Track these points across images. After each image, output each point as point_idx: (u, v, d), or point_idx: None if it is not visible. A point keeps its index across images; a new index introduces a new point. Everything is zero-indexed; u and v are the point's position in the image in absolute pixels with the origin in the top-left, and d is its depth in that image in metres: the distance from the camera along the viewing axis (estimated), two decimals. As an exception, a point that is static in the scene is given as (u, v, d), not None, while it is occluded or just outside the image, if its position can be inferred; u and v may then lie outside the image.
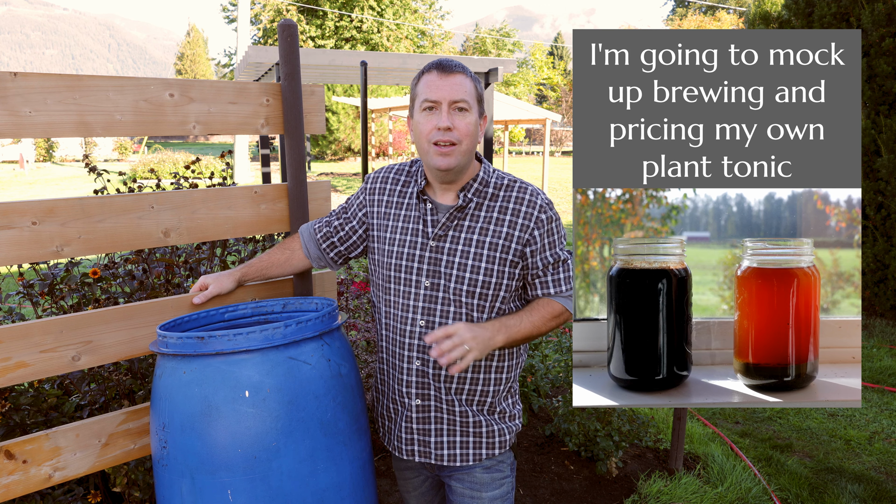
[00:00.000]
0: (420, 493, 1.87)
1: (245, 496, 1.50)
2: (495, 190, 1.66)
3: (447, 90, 1.54)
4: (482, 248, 1.61)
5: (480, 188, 1.65)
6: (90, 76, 1.69)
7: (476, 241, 1.62)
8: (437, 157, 1.56)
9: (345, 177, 22.45)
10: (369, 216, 1.77)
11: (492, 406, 1.70)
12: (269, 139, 10.45)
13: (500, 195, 1.65)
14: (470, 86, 1.58)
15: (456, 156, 1.57)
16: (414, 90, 1.62)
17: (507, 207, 1.64)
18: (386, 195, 1.74)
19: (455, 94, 1.55)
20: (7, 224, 1.62)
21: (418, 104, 1.59)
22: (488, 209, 1.64)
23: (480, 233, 1.62)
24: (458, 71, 1.57)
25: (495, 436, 1.70)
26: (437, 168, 1.58)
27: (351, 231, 1.81)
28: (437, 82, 1.55)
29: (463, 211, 1.64)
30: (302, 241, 1.88)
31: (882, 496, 2.99)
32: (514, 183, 1.67)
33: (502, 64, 8.10)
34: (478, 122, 1.61)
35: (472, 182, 1.65)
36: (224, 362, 1.50)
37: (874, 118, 5.58)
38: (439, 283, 1.63)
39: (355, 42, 32.66)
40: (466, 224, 1.63)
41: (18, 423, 2.00)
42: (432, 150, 1.57)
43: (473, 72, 6.23)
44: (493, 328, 1.56)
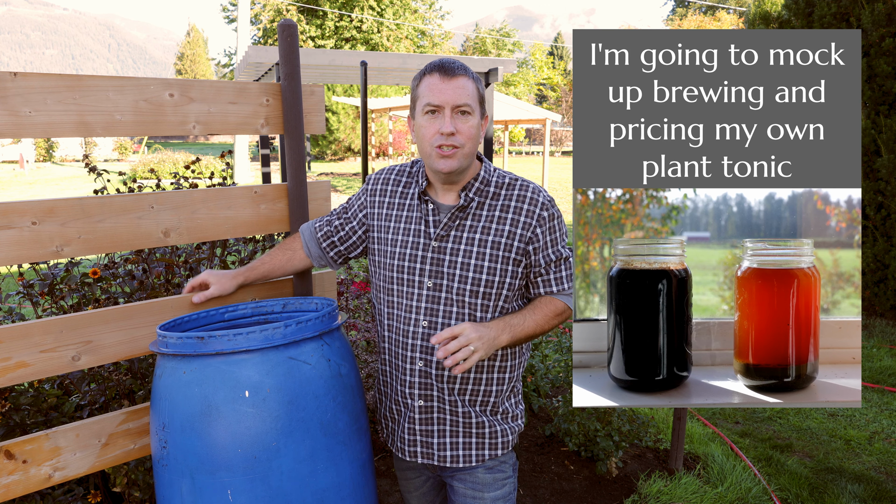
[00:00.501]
0: (421, 494, 1.87)
1: (245, 496, 1.50)
2: (496, 189, 1.66)
3: (450, 94, 1.54)
4: (485, 248, 1.61)
5: (482, 187, 1.65)
6: (90, 76, 1.69)
7: (478, 240, 1.62)
8: (439, 160, 1.57)
9: (345, 177, 22.45)
10: (370, 217, 1.78)
11: (494, 406, 1.70)
12: (269, 139, 10.45)
13: (502, 194, 1.65)
14: (472, 88, 1.58)
15: (459, 158, 1.58)
16: (415, 91, 1.62)
17: (508, 206, 1.64)
18: (387, 196, 1.75)
19: (458, 99, 1.55)
20: (7, 224, 1.62)
21: (420, 107, 1.59)
22: (490, 208, 1.64)
23: (483, 232, 1.62)
24: (460, 73, 1.57)
25: (498, 436, 1.70)
26: (439, 171, 1.59)
27: (351, 231, 1.81)
28: (439, 86, 1.55)
29: (465, 211, 1.64)
30: (303, 240, 1.89)
31: (882, 496, 2.99)
32: (516, 181, 1.67)
33: (502, 64, 8.10)
34: (479, 123, 1.62)
35: (474, 181, 1.65)
36: (224, 362, 1.50)
37: (874, 118, 5.58)
38: (442, 283, 1.63)
39: (355, 42, 32.66)
40: (468, 224, 1.63)
41: (18, 423, 2.00)
42: (435, 153, 1.57)
43: (474, 72, 6.14)
44: (498, 327, 1.56)
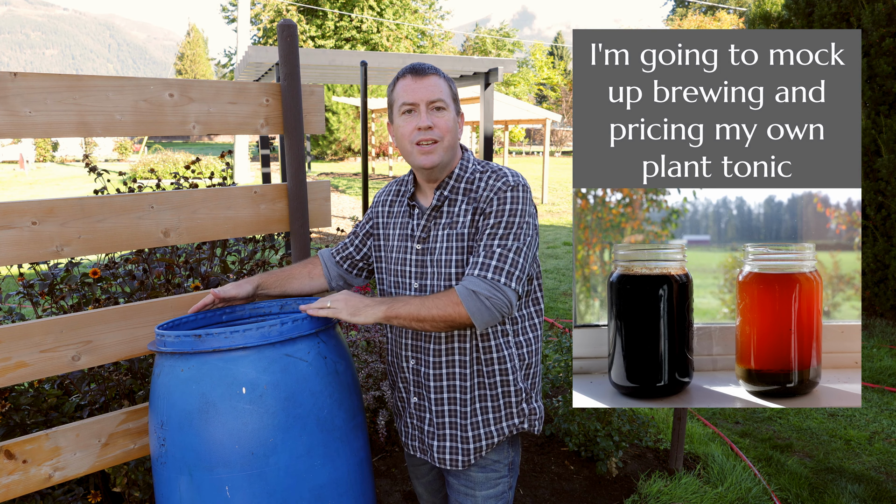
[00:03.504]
0: (428, 482, 1.92)
1: (243, 492, 1.50)
2: (468, 184, 1.66)
3: (423, 92, 1.59)
4: (453, 241, 1.62)
5: (455, 184, 1.67)
6: (90, 76, 1.69)
7: (448, 235, 1.63)
8: (420, 156, 1.60)
9: (345, 177, 22.44)
10: (375, 227, 1.84)
11: (475, 410, 1.69)
12: (269, 139, 10.45)
13: (472, 187, 1.64)
14: (444, 85, 1.62)
15: (439, 152, 1.60)
16: (391, 96, 1.66)
17: (475, 197, 1.62)
18: (388, 206, 1.81)
19: (431, 95, 1.59)
20: (7, 224, 1.62)
21: (397, 109, 1.63)
22: (460, 203, 1.65)
23: (452, 227, 1.64)
24: (431, 73, 1.62)
25: (481, 439, 1.69)
26: (422, 167, 1.62)
27: (361, 244, 1.88)
28: (412, 86, 1.60)
29: (439, 210, 1.67)
30: (322, 262, 1.92)
31: (882, 496, 2.99)
32: (486, 172, 1.64)
33: (502, 64, 8.10)
34: (455, 118, 1.65)
35: (448, 179, 1.67)
36: (221, 359, 1.51)
37: (874, 118, 5.57)
38: (426, 283, 1.66)
39: (355, 42, 32.66)
40: (444, 221, 1.65)
41: (18, 423, 2.00)
42: (415, 150, 1.61)
43: (473, 72, 6.24)
44: (376, 300, 1.58)
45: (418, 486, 1.95)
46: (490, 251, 1.51)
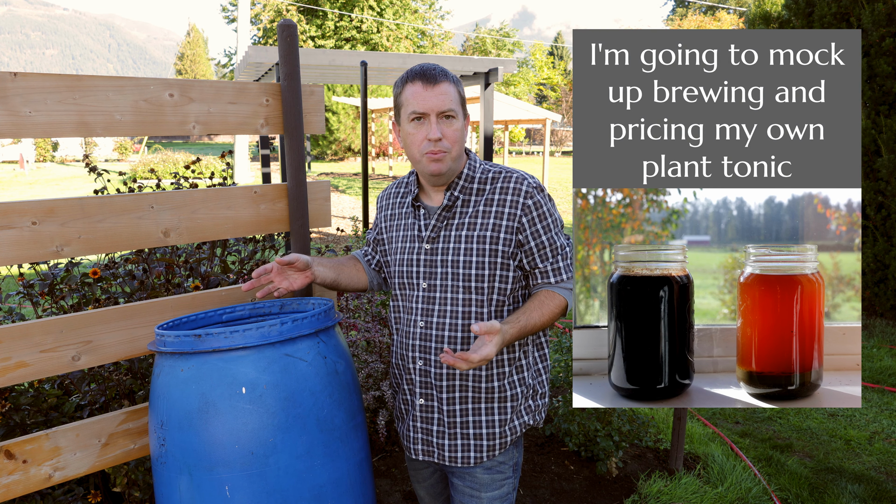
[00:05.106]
0: (430, 486, 1.91)
1: (243, 492, 1.50)
2: (480, 185, 1.68)
3: (434, 101, 1.58)
4: (472, 243, 1.63)
5: (466, 185, 1.68)
6: (90, 76, 1.69)
7: (465, 236, 1.64)
8: (430, 164, 1.61)
9: (345, 177, 22.42)
10: (380, 233, 1.88)
11: (489, 409, 1.70)
12: (269, 139, 10.45)
13: (486, 188, 1.67)
14: (454, 92, 1.62)
15: (447, 161, 1.62)
16: (399, 98, 1.65)
17: (493, 199, 1.65)
18: (390, 209, 1.83)
19: (442, 105, 1.58)
20: (7, 224, 1.62)
21: (405, 115, 1.62)
22: (475, 204, 1.66)
23: (469, 228, 1.65)
24: (441, 80, 1.59)
25: (496, 438, 1.70)
26: (431, 174, 1.63)
27: (373, 252, 1.93)
28: (423, 94, 1.58)
29: (451, 210, 1.67)
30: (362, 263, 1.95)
31: (882, 496, 2.99)
32: (500, 174, 1.68)
33: (502, 64, 8.10)
34: (463, 124, 1.66)
35: (458, 180, 1.68)
36: (221, 359, 1.51)
37: (874, 118, 5.57)
38: (435, 283, 1.67)
39: (355, 42, 32.65)
40: (456, 222, 1.66)
41: (18, 423, 2.00)
42: (425, 158, 1.61)
43: (473, 72, 6.22)
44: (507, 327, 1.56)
45: (420, 489, 1.94)
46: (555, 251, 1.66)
